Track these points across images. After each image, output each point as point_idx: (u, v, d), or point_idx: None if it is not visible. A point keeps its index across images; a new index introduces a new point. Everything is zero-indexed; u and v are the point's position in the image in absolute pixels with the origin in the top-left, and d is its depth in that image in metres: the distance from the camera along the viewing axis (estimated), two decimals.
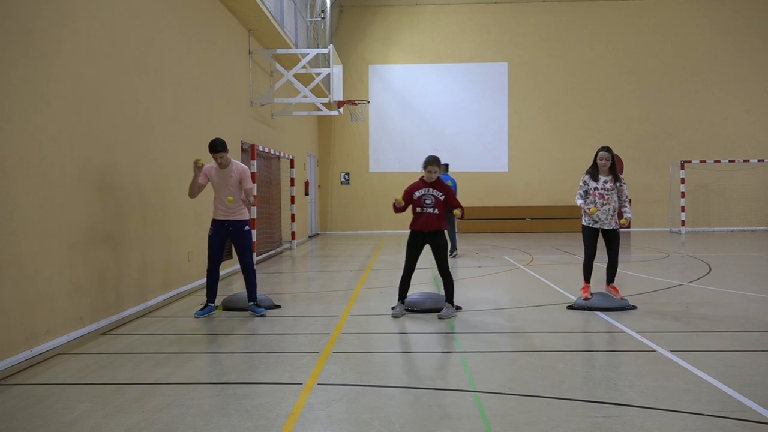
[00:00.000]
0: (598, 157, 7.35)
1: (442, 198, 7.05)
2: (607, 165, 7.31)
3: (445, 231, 7.17)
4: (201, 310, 7.18)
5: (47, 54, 5.73)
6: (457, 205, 7.02)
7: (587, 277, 7.52)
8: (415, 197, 7.07)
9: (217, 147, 6.95)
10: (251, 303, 7.21)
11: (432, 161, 7.05)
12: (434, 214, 7.01)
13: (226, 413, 4.02)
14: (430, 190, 7.07)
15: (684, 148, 21.99)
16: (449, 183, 11.74)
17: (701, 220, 22.04)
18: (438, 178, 7.10)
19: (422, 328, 6.53)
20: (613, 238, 7.39)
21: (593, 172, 7.39)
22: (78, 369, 5.11)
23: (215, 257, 7.19)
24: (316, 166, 21.87)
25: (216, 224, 7.14)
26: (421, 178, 7.14)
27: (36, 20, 5.57)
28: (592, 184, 7.36)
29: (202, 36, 10.15)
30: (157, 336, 6.33)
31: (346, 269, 11.73)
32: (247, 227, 7.19)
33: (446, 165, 12.62)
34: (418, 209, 7.05)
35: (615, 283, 7.53)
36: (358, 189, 22.69)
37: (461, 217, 6.98)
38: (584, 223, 7.48)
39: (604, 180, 7.33)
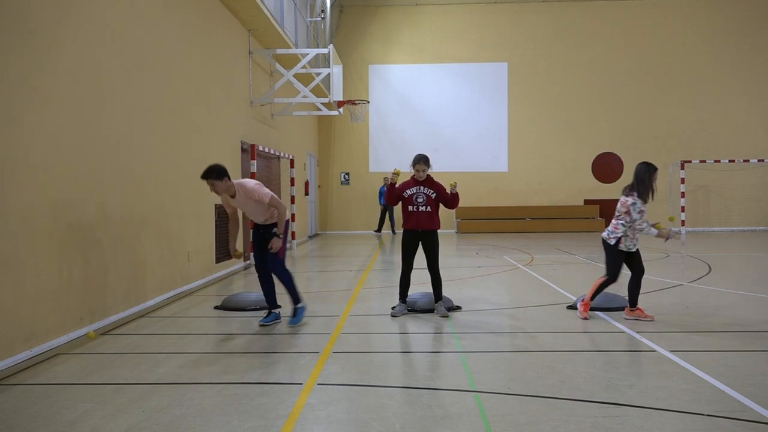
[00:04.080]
0: (654, 178, 6.56)
1: (433, 195, 7.08)
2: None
3: (437, 230, 7.19)
4: (266, 318, 6.69)
5: (47, 54, 5.73)
6: (452, 199, 7.07)
7: (594, 297, 6.86)
8: (406, 195, 7.11)
9: (207, 174, 6.10)
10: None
11: (420, 159, 7.11)
12: (426, 212, 7.05)
13: (226, 413, 4.02)
14: (421, 188, 7.11)
15: (684, 148, 21.99)
16: None
17: (701, 220, 22.04)
18: (428, 176, 7.14)
19: (422, 328, 6.53)
20: (637, 256, 6.78)
21: (644, 193, 6.56)
22: (78, 369, 5.11)
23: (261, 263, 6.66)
24: (316, 166, 21.86)
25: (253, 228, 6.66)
26: (412, 177, 7.19)
27: (35, 19, 5.57)
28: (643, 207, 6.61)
29: (202, 36, 10.15)
30: (157, 336, 6.33)
31: (346, 269, 11.73)
32: (274, 230, 6.51)
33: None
34: (410, 207, 7.08)
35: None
36: (358, 189, 22.68)
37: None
38: (622, 248, 6.69)
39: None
